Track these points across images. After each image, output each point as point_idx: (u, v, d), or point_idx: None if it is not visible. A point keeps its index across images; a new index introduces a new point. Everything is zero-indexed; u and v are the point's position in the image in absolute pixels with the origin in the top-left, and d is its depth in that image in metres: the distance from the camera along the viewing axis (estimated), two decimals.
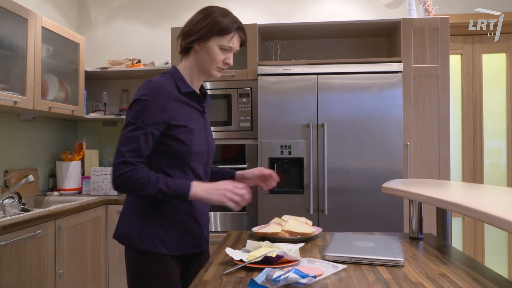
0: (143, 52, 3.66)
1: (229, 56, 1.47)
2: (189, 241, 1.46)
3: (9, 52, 2.44)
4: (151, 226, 1.39)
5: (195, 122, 1.46)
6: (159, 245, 1.39)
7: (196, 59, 1.47)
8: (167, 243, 1.40)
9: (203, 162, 1.51)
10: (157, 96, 1.35)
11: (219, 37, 1.42)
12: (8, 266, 1.93)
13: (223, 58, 1.45)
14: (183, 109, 1.43)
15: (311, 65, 2.85)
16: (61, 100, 2.97)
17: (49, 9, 3.35)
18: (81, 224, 2.59)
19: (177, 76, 1.46)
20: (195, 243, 1.49)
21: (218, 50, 1.44)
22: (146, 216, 1.40)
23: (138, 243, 1.39)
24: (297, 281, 1.07)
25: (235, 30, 1.44)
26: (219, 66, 1.47)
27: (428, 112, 2.90)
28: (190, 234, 1.46)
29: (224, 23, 1.42)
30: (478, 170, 3.47)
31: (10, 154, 2.85)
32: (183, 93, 1.44)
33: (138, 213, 1.42)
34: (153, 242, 1.38)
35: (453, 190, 1.74)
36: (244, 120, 3.00)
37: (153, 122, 1.34)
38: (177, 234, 1.42)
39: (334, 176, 2.79)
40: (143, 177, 1.30)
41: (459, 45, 3.48)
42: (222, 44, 1.43)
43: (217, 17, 1.42)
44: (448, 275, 1.19)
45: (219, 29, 1.41)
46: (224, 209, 3.01)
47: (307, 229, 1.63)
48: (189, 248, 1.47)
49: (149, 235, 1.39)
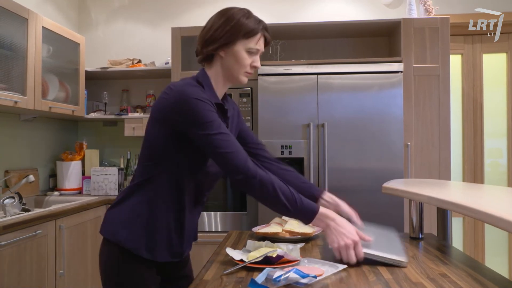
0: (144, 52, 3.66)
1: (256, 58, 1.40)
2: (171, 249, 1.36)
3: (10, 52, 2.44)
4: (140, 228, 1.31)
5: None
6: (143, 249, 1.30)
7: (222, 67, 1.38)
8: (151, 248, 1.31)
9: (201, 187, 1.41)
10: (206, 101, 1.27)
11: (245, 40, 1.35)
12: (8, 266, 1.93)
13: (250, 61, 1.38)
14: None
15: (311, 65, 2.85)
16: (61, 100, 2.97)
17: (49, 9, 3.35)
18: (81, 224, 2.59)
19: (206, 84, 1.36)
20: (177, 251, 1.38)
21: (245, 54, 1.36)
22: (138, 216, 1.32)
23: (123, 242, 1.30)
24: (298, 281, 1.07)
25: (261, 31, 1.38)
26: (247, 70, 1.39)
27: (428, 112, 2.90)
28: (174, 241, 1.36)
29: (250, 25, 1.35)
30: (478, 170, 3.47)
31: (10, 154, 2.85)
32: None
33: (131, 212, 1.33)
34: (138, 244, 1.30)
35: (453, 190, 1.74)
36: (244, 120, 2.99)
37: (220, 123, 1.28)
38: (164, 241, 1.33)
39: (334, 176, 2.78)
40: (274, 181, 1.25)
41: (459, 45, 3.48)
42: (250, 47, 1.36)
43: (241, 19, 1.35)
44: (449, 275, 1.18)
45: (245, 32, 1.34)
46: (224, 209, 3.01)
47: (307, 229, 1.63)
48: (171, 256, 1.36)
49: (137, 236, 1.30)
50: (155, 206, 1.33)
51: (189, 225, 1.41)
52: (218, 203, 3.00)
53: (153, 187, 1.34)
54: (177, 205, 1.35)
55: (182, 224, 1.38)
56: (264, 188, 1.25)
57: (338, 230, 1.27)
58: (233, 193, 3.03)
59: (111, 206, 1.42)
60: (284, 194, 1.26)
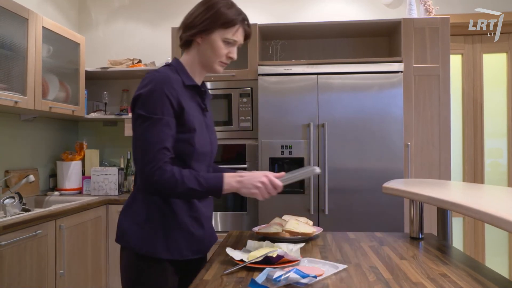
0: (144, 52, 3.66)
1: (233, 50, 1.40)
2: (191, 246, 1.38)
3: (10, 52, 2.44)
4: (152, 230, 1.32)
5: (198, 120, 1.37)
6: (160, 249, 1.31)
7: (198, 53, 1.40)
8: (169, 247, 1.32)
9: (206, 163, 1.44)
10: (166, 85, 1.28)
11: (223, 29, 1.35)
12: (9, 266, 1.93)
13: (226, 52, 1.38)
14: (188, 102, 1.34)
15: (311, 65, 2.85)
16: (61, 100, 2.97)
17: (49, 9, 3.35)
18: (81, 224, 2.59)
19: (180, 69, 1.39)
20: (198, 248, 1.40)
21: (222, 44, 1.36)
22: (148, 219, 1.33)
23: (139, 247, 1.31)
24: (298, 281, 1.07)
25: (240, 22, 1.37)
26: (222, 60, 1.39)
27: (428, 112, 2.90)
28: (193, 238, 1.38)
29: (229, 15, 1.35)
30: (478, 170, 3.47)
31: (10, 154, 2.85)
32: (186, 86, 1.36)
33: (139, 216, 1.34)
34: (154, 246, 1.31)
35: (453, 190, 1.74)
36: (244, 120, 3.00)
37: (169, 111, 1.27)
38: (180, 238, 1.34)
39: (334, 176, 2.79)
40: (169, 178, 1.23)
41: (459, 45, 3.48)
42: (226, 37, 1.36)
43: (221, 8, 1.35)
44: (449, 275, 1.19)
45: (223, 21, 1.34)
46: (225, 209, 3.01)
47: (307, 229, 1.63)
48: (192, 253, 1.38)
49: (150, 239, 1.31)
50: (162, 205, 1.34)
51: (205, 217, 1.43)
52: (218, 203, 3.00)
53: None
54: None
55: (197, 217, 1.39)
56: (171, 179, 1.24)
57: (249, 180, 1.29)
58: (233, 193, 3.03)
59: (121, 212, 1.42)
60: (189, 179, 1.24)
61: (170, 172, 1.24)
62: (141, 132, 1.27)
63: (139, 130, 1.28)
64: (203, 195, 1.32)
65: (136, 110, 1.29)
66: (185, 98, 1.34)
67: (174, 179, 1.23)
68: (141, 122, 1.27)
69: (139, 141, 1.27)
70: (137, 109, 1.28)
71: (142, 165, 1.25)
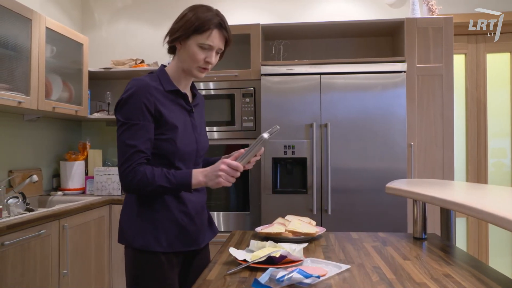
0: (147, 52, 3.67)
1: (210, 54, 1.40)
2: (184, 239, 1.43)
3: (13, 53, 2.45)
4: (144, 224, 1.38)
5: (181, 120, 1.43)
6: (153, 243, 1.37)
7: (179, 59, 1.44)
8: (160, 240, 1.37)
9: (192, 162, 1.48)
10: (143, 92, 1.34)
11: (197, 35, 1.36)
12: (12, 265, 1.94)
13: (203, 57, 1.39)
14: (168, 106, 1.40)
15: (314, 65, 2.85)
16: (65, 100, 2.97)
17: (52, 10, 3.36)
18: (85, 224, 2.59)
19: (162, 75, 1.44)
20: (191, 241, 1.45)
21: (198, 49, 1.38)
22: (140, 214, 1.40)
23: (133, 241, 1.38)
24: (301, 281, 1.07)
25: (214, 26, 1.37)
26: (200, 65, 1.41)
27: (432, 112, 2.90)
28: (185, 232, 1.43)
29: (201, 20, 1.36)
30: (482, 170, 3.46)
31: (14, 154, 2.86)
32: (167, 91, 1.41)
33: (133, 212, 1.41)
34: (146, 239, 1.37)
35: (457, 190, 1.74)
36: (247, 120, 3.00)
37: (145, 116, 1.34)
38: (171, 231, 1.40)
39: (337, 176, 2.78)
40: (141, 178, 1.31)
41: (463, 44, 3.47)
42: (200, 42, 1.37)
43: (197, 13, 1.37)
44: (452, 276, 1.18)
45: (196, 26, 1.36)
46: (227, 209, 3.01)
47: (310, 229, 1.63)
48: (184, 245, 1.43)
49: (143, 233, 1.38)
50: (153, 200, 1.40)
51: (195, 210, 1.47)
52: (221, 203, 3.00)
53: None
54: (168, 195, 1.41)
55: (187, 212, 1.44)
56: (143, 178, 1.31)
57: (211, 171, 1.32)
58: (236, 193, 3.04)
59: (120, 212, 1.50)
60: (159, 177, 1.31)
61: (142, 172, 1.31)
62: (118, 135, 1.36)
63: (117, 134, 1.36)
64: (174, 191, 1.37)
65: (116, 115, 1.38)
66: (165, 102, 1.40)
67: (145, 178, 1.31)
68: (119, 126, 1.36)
69: (117, 144, 1.36)
70: (117, 114, 1.38)
71: (119, 167, 1.34)
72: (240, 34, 3.03)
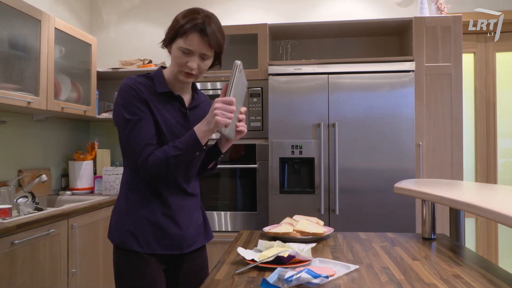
0: (154, 52, 3.68)
1: (191, 59, 1.36)
2: (165, 242, 1.41)
3: (23, 53, 2.47)
4: (125, 222, 1.40)
5: (173, 120, 1.43)
6: (131, 242, 1.38)
7: (171, 62, 1.46)
8: (139, 240, 1.38)
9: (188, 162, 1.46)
10: (132, 90, 1.38)
11: (179, 39, 1.35)
12: (22, 264, 1.95)
13: (184, 61, 1.37)
14: (159, 106, 1.41)
15: (321, 65, 2.84)
16: (73, 101, 2.99)
17: (61, 11, 3.38)
18: (93, 223, 2.61)
19: (156, 76, 1.46)
20: (172, 245, 1.43)
21: (179, 53, 1.37)
22: (122, 213, 1.42)
23: (114, 238, 1.42)
24: (309, 281, 1.07)
25: (194, 30, 1.33)
26: (183, 70, 1.38)
27: (440, 111, 2.88)
28: (167, 235, 1.41)
29: (180, 23, 1.34)
30: (491, 170, 3.43)
31: (23, 154, 2.88)
32: (159, 93, 1.42)
33: (119, 210, 1.44)
34: (126, 238, 1.39)
35: (466, 190, 1.73)
36: (254, 120, 3.00)
37: (142, 109, 1.37)
38: (151, 233, 1.39)
39: (345, 176, 2.77)
40: (158, 163, 1.33)
41: (472, 43, 3.44)
42: (180, 46, 1.35)
43: (180, 17, 1.36)
44: (462, 276, 1.17)
45: (175, 30, 1.36)
46: (235, 208, 3.01)
47: (318, 229, 1.62)
48: (163, 248, 1.41)
49: (123, 231, 1.40)
50: (133, 199, 1.42)
51: (182, 214, 1.46)
52: (228, 203, 3.01)
53: (127, 182, 1.46)
54: (154, 196, 1.42)
55: (170, 215, 1.43)
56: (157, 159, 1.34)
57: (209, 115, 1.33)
58: (243, 193, 3.04)
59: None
60: (167, 150, 1.34)
61: (155, 157, 1.34)
62: (124, 135, 1.40)
63: (124, 134, 1.41)
64: (188, 155, 1.35)
65: (115, 119, 1.43)
66: (156, 102, 1.41)
67: (159, 161, 1.33)
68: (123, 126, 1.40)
69: (124, 142, 1.42)
70: (116, 117, 1.42)
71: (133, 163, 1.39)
72: (247, 34, 3.03)
